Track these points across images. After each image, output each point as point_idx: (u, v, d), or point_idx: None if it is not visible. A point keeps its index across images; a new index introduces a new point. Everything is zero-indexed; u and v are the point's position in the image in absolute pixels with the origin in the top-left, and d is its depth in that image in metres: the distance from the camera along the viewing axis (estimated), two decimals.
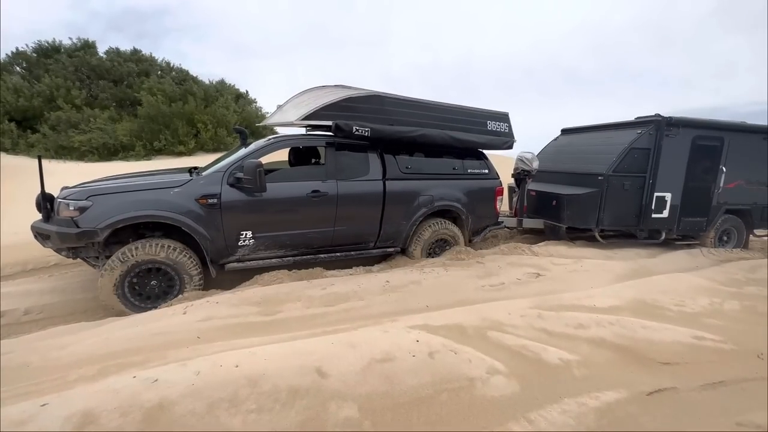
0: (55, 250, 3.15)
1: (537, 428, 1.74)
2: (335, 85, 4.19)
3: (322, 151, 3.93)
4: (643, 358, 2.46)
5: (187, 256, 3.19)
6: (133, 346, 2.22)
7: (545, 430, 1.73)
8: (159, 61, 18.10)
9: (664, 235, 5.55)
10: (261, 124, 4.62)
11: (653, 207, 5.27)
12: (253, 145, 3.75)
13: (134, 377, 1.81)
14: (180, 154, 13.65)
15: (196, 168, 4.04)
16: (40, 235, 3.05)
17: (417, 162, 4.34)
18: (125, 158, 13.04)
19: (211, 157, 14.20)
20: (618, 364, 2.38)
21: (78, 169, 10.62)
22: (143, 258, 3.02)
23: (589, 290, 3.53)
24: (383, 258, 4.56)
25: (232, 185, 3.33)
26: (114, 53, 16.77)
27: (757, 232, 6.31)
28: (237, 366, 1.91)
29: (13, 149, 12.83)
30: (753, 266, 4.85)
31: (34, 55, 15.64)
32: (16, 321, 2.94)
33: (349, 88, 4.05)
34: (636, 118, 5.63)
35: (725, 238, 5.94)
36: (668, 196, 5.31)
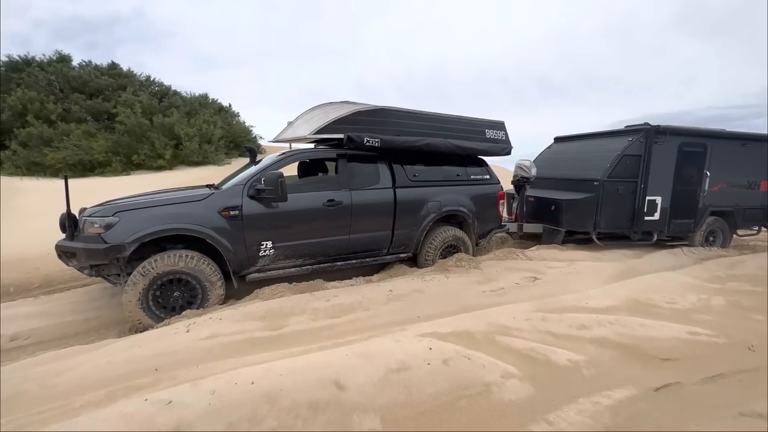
0: (77, 269, 3.14)
1: (557, 428, 1.77)
2: (341, 101, 4.38)
3: (330, 163, 4.03)
4: (645, 355, 2.55)
5: (207, 263, 3.20)
6: (139, 367, 2.13)
7: (565, 430, 1.77)
8: (138, 75, 17.75)
9: (655, 237, 5.82)
10: (273, 139, 4.70)
11: (645, 210, 5.53)
12: (268, 159, 3.89)
13: (146, 400, 1.74)
14: (159, 168, 13.31)
15: (213, 184, 4.15)
16: (65, 253, 3.04)
17: (423, 170, 4.50)
18: (102, 174, 12.61)
19: (195, 171, 13.94)
20: (623, 362, 2.45)
21: (54, 186, 10.19)
22: (164, 269, 3.03)
23: (585, 291, 3.63)
24: (381, 267, 4.58)
25: (252, 197, 3.43)
26: (90, 67, 16.34)
27: (740, 232, 6.67)
28: (253, 383, 1.87)
29: None
30: (731, 263, 5.11)
31: (2, 69, 15.04)
32: (3, 347, 2.77)
33: (354, 103, 4.21)
34: (626, 127, 5.94)
35: (711, 239, 6.24)
36: (659, 199, 5.59)
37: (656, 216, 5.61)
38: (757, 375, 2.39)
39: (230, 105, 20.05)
